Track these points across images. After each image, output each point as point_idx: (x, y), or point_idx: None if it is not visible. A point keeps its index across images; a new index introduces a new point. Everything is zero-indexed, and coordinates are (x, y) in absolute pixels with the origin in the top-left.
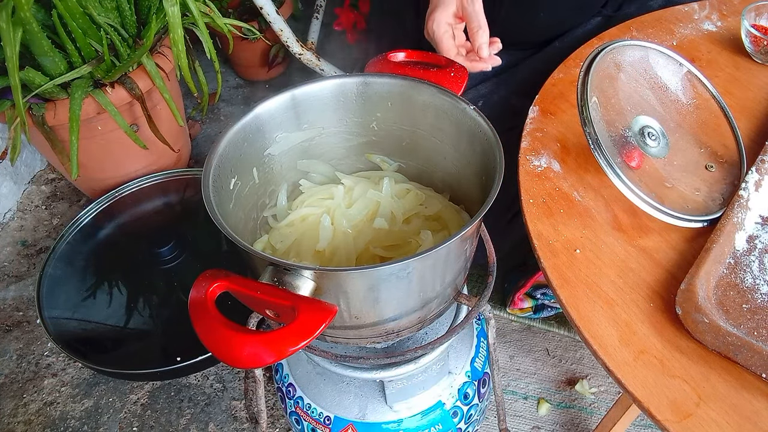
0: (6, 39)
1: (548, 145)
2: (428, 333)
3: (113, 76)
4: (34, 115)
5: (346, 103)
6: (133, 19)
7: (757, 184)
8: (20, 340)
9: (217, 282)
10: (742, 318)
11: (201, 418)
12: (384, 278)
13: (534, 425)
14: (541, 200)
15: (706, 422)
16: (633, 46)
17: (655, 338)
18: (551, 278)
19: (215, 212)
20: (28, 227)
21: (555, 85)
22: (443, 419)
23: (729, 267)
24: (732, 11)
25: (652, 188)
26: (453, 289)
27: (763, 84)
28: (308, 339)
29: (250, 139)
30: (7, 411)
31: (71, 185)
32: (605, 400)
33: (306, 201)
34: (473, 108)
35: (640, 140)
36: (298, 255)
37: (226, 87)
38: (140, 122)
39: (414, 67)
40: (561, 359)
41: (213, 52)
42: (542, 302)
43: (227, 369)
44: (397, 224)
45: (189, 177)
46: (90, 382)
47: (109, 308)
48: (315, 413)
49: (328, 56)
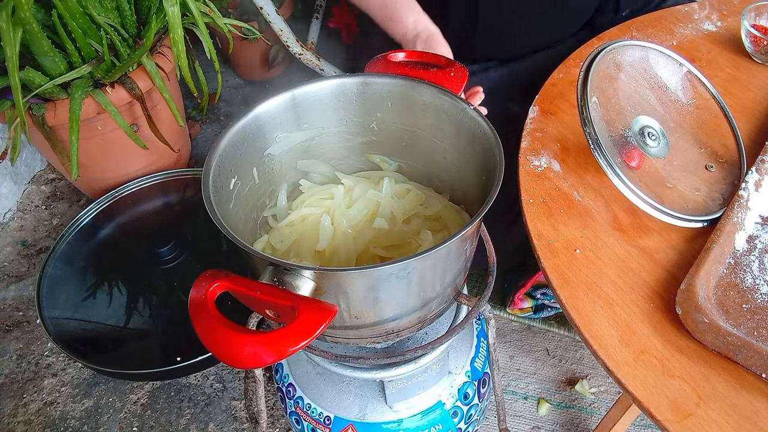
0: (6, 39)
1: (548, 145)
2: (428, 333)
3: (113, 76)
4: (34, 115)
5: (346, 103)
6: (133, 19)
7: (757, 184)
8: (20, 340)
9: (217, 282)
10: (742, 318)
11: (201, 418)
12: (384, 278)
13: (534, 425)
14: (541, 200)
15: (706, 422)
16: (633, 46)
17: (655, 338)
18: (551, 278)
19: (215, 212)
20: (28, 227)
21: (555, 85)
22: (443, 419)
23: (729, 267)
24: (732, 11)
25: (652, 188)
26: (453, 289)
27: (763, 84)
28: (308, 339)
29: (250, 139)
30: (7, 411)
31: (71, 185)
32: (605, 400)
33: (306, 201)
34: (473, 108)
35: (640, 140)
36: (298, 255)
37: (226, 87)
38: (140, 122)
39: (414, 67)
40: (561, 359)
41: (213, 52)
42: (542, 302)
43: (227, 369)
44: (397, 224)
45: (189, 177)
46: (90, 382)
47: (109, 308)
48: (315, 413)
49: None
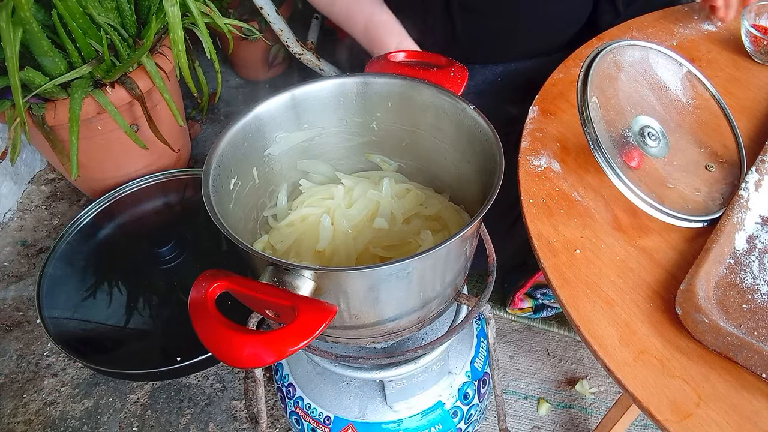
0: (6, 39)
1: (548, 145)
2: (428, 333)
3: (113, 76)
4: (34, 115)
5: (346, 103)
6: (133, 19)
7: (757, 184)
8: (20, 340)
9: (217, 282)
10: (742, 318)
11: (201, 418)
12: (384, 278)
13: (534, 425)
14: (541, 200)
15: (706, 422)
16: (633, 46)
17: (655, 338)
18: (551, 278)
19: (215, 212)
20: (28, 227)
21: (555, 85)
22: (443, 419)
23: (729, 267)
24: None
25: (652, 188)
26: (453, 289)
27: (763, 84)
28: (308, 339)
29: (250, 139)
30: (7, 411)
31: (71, 185)
32: (605, 400)
33: (306, 201)
34: (473, 108)
35: (640, 140)
36: (298, 255)
37: (226, 87)
38: (140, 122)
39: (414, 67)
40: (561, 359)
41: (213, 52)
42: (542, 302)
43: (227, 369)
44: (397, 224)
45: (189, 177)
46: (90, 382)
47: (109, 308)
48: (315, 413)
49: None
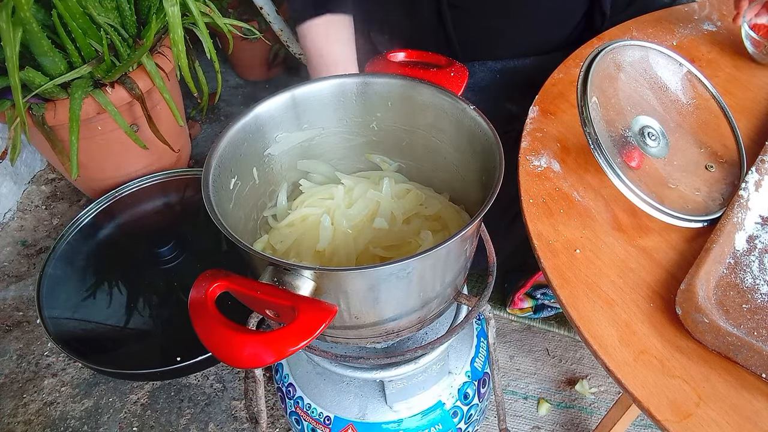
0: (6, 39)
1: (548, 145)
2: (428, 333)
3: (113, 76)
4: (34, 115)
5: (346, 103)
6: (133, 19)
7: (757, 184)
8: (20, 340)
9: (217, 282)
10: (742, 318)
11: (201, 418)
12: (384, 278)
13: (534, 425)
14: (541, 200)
15: (706, 422)
16: (633, 46)
17: (655, 338)
18: (551, 278)
19: (215, 212)
20: (28, 227)
21: (555, 85)
22: (443, 419)
23: (729, 267)
24: (732, 11)
25: (652, 188)
26: (453, 289)
27: (763, 84)
28: (308, 339)
29: (250, 139)
30: (7, 411)
31: (71, 185)
32: (605, 400)
33: (306, 201)
34: (473, 108)
35: (640, 140)
36: (298, 255)
37: (226, 87)
38: (140, 122)
39: (414, 67)
40: (561, 359)
41: (213, 52)
42: (542, 302)
43: (227, 369)
44: (397, 224)
45: (189, 177)
46: (90, 382)
47: (109, 308)
48: (315, 413)
49: None
